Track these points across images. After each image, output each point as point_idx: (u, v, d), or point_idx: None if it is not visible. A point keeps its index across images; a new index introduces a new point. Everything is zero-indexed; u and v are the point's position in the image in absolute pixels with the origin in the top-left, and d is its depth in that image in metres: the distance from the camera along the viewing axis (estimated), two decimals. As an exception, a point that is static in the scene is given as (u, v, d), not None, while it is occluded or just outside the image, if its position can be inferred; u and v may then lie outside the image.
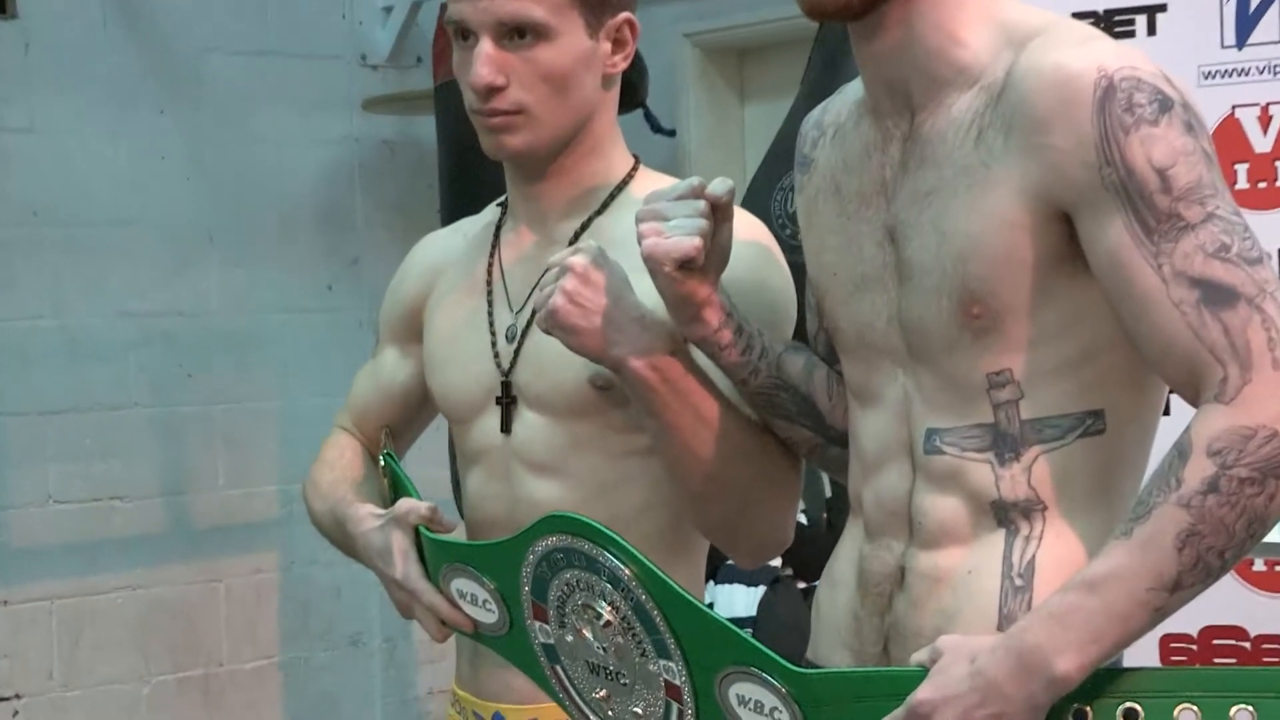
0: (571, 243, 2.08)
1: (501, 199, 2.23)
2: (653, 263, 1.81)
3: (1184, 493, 1.55)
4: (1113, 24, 3.05)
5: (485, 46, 2.01)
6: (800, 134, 1.99)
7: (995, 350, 1.72)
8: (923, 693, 1.61)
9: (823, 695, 1.68)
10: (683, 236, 1.79)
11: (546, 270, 1.95)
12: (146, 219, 4.92)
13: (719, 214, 1.81)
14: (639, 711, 1.83)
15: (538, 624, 1.91)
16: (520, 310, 2.12)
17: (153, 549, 4.86)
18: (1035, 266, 1.69)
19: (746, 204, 3.34)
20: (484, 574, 1.97)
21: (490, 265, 2.18)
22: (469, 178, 3.69)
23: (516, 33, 2.01)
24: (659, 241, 1.80)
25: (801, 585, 4.07)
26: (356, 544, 2.17)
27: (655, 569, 1.77)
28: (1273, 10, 3.10)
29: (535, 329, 2.04)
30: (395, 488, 2.22)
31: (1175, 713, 1.56)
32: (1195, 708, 1.55)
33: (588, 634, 1.85)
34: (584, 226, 2.11)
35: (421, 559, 2.09)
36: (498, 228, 2.21)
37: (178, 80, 4.98)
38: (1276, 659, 3.06)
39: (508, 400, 2.11)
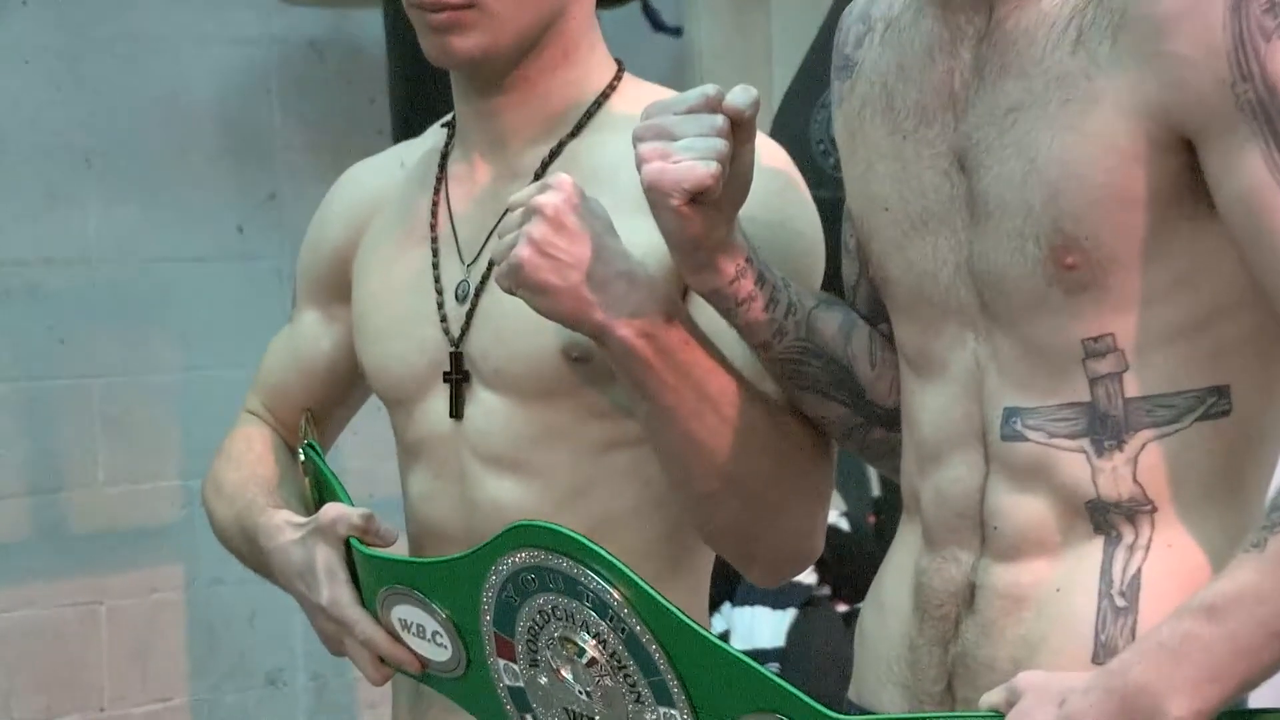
0: (538, 175, 2.07)
1: (447, 119, 2.22)
2: (656, 194, 1.78)
3: None
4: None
5: None
6: (841, 28, 1.97)
7: (1094, 311, 1.71)
8: None
9: None
10: (696, 160, 1.76)
11: (507, 212, 1.93)
12: (12, 137, 4.93)
13: (739, 133, 1.78)
14: None
15: (503, 662, 1.89)
16: (474, 262, 2.12)
17: (17, 560, 4.87)
18: (1148, 205, 1.68)
19: (775, 128, 3.33)
20: (434, 600, 1.95)
21: (435, 205, 2.17)
22: (429, 90, 3.63)
23: None
24: (665, 167, 1.77)
25: (842, 608, 4.13)
26: (271, 561, 2.14)
27: (652, 592, 1.76)
28: None
29: (493, 286, 2.02)
30: (319, 488, 2.20)
31: None
32: None
33: (567, 675, 1.84)
34: (553, 154, 2.10)
35: (354, 580, 2.06)
36: (444, 157, 2.20)
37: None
38: None
39: (458, 376, 2.10)
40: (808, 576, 4.15)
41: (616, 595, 1.77)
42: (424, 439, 2.14)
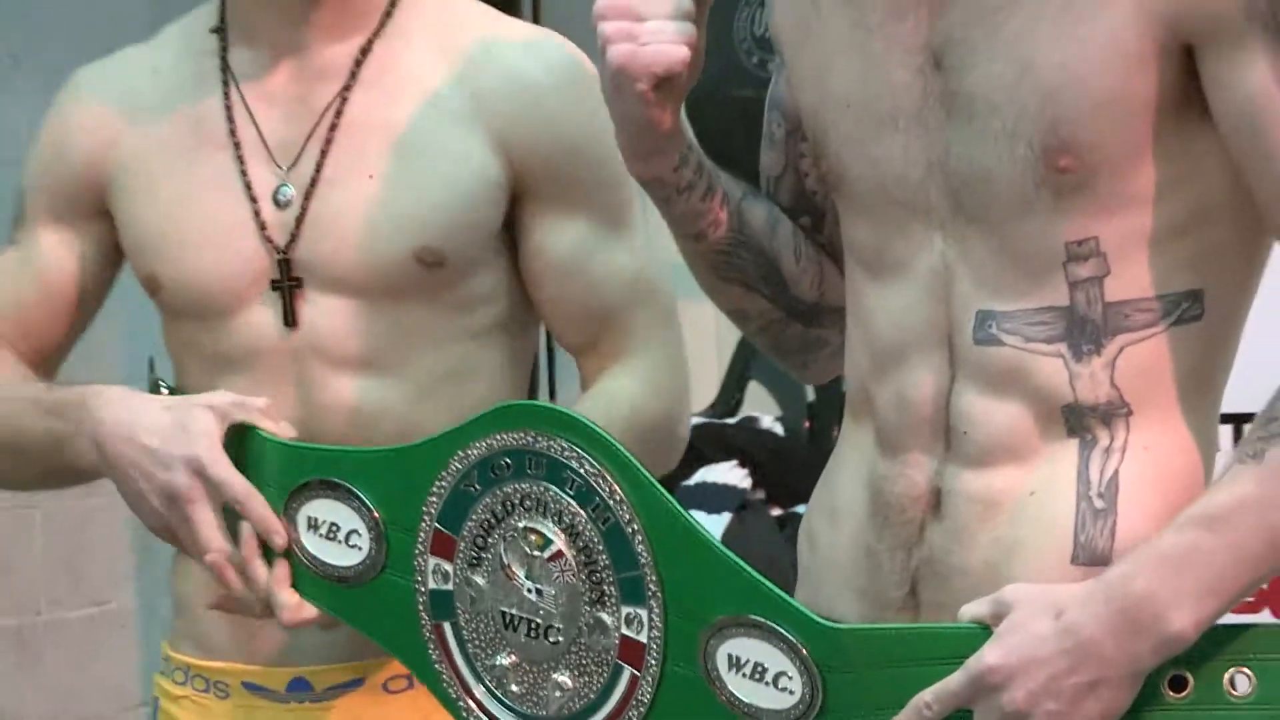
0: (351, 74, 2.08)
1: (209, 19, 2.16)
2: (624, 77, 1.75)
3: None
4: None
5: None
6: None
7: (1081, 213, 1.70)
8: (992, 656, 1.61)
9: (854, 656, 1.68)
10: (666, 43, 1.74)
11: (331, 123, 2.04)
12: None
13: (698, 13, 1.77)
14: (565, 682, 1.80)
15: (434, 561, 1.86)
16: (293, 167, 2.08)
17: None
18: (1146, 110, 1.68)
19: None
20: (368, 493, 1.91)
21: (229, 108, 2.12)
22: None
23: None
24: (635, 50, 1.74)
25: (776, 512, 4.15)
26: (100, 424, 2.00)
27: (653, 481, 1.75)
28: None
29: (325, 189, 2.05)
30: None
31: None
32: None
33: (517, 571, 1.80)
34: (363, 52, 2.09)
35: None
36: (223, 58, 2.14)
37: None
38: None
39: (291, 284, 2.07)
40: (742, 481, 4.15)
41: (617, 489, 1.75)
42: (248, 349, 2.09)
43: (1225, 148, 1.68)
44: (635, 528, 1.74)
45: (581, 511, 1.76)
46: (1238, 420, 1.77)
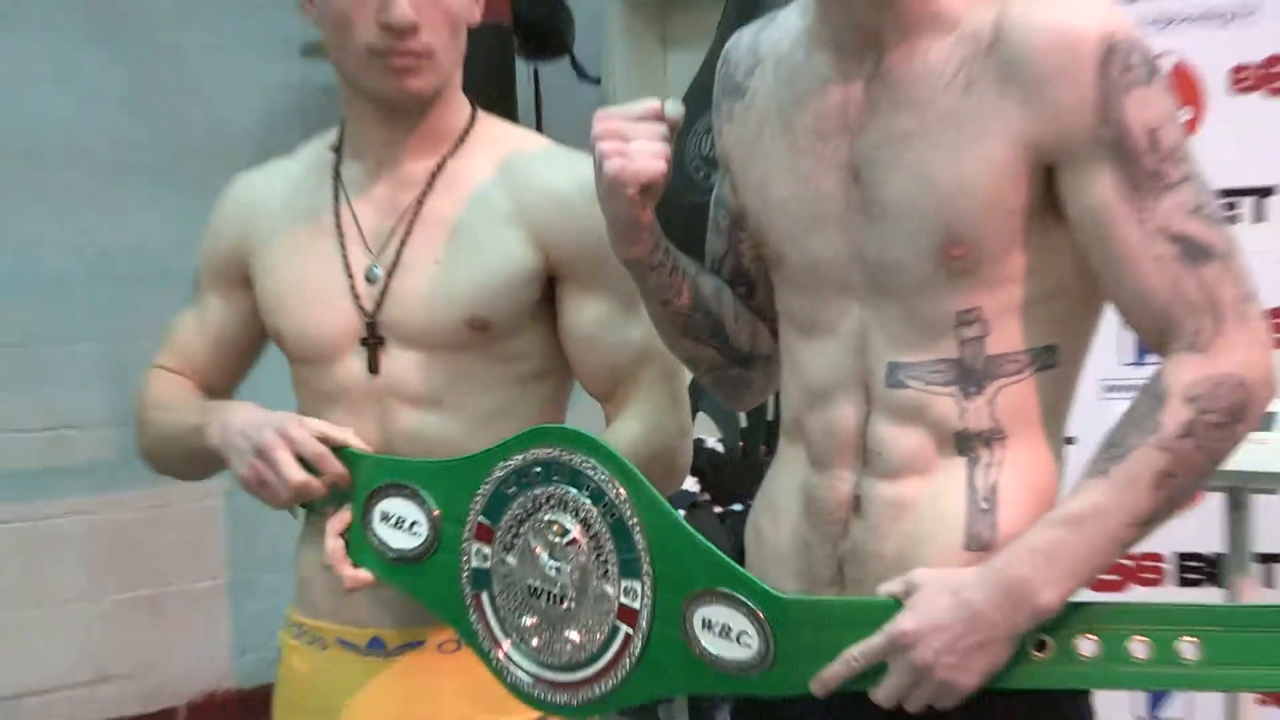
0: (427, 184, 2.04)
1: (330, 141, 2.13)
2: (617, 184, 1.72)
3: (1163, 436, 1.57)
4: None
5: None
6: (728, 60, 1.91)
7: (968, 289, 1.68)
8: (905, 623, 1.60)
9: (798, 620, 1.66)
10: (650, 158, 1.71)
11: (411, 215, 2.00)
12: (92, 153, 4.85)
13: (671, 136, 1.75)
14: (574, 638, 1.77)
15: (476, 545, 1.83)
16: (381, 251, 2.04)
17: (104, 476, 4.78)
18: (1018, 213, 1.66)
19: None
20: (430, 493, 1.89)
21: (337, 207, 2.07)
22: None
23: None
24: (625, 163, 1.71)
25: (718, 510, 4.06)
26: (226, 422, 2.01)
27: (650, 488, 1.73)
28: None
29: (403, 270, 2.01)
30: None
31: (1127, 644, 1.59)
32: (1146, 639, 1.59)
33: (541, 553, 1.78)
34: (439, 167, 2.05)
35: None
36: (336, 170, 2.10)
37: (121, 23, 4.90)
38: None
39: (374, 342, 2.02)
40: (692, 486, 4.04)
41: (622, 491, 1.72)
42: (341, 389, 2.04)
43: (1075, 241, 1.65)
44: (635, 521, 1.72)
45: (594, 509, 1.74)
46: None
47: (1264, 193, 3.08)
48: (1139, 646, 1.59)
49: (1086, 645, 1.60)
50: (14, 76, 4.73)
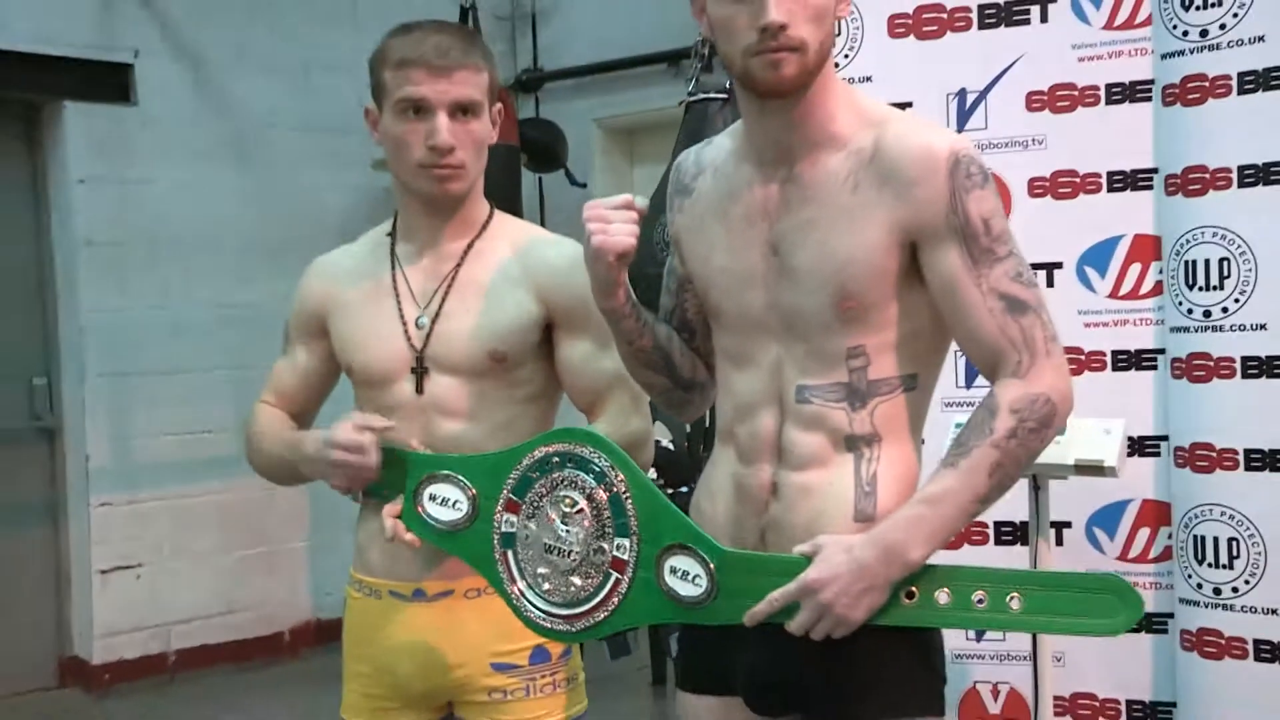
0: (461, 258, 1.99)
1: (386, 229, 2.07)
2: (601, 252, 1.68)
3: (995, 438, 1.56)
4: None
5: (444, 120, 1.90)
6: (679, 169, 1.86)
7: (856, 332, 1.65)
8: (812, 573, 1.58)
9: (735, 567, 1.64)
10: (624, 235, 1.68)
11: (449, 281, 1.95)
12: (225, 239, 4.91)
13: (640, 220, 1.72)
14: (577, 582, 1.72)
15: (506, 515, 1.76)
16: (427, 306, 1.98)
17: (231, 467, 4.66)
18: (892, 276, 1.64)
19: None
20: (471, 479, 1.81)
21: (394, 274, 2.01)
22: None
23: (461, 110, 1.91)
24: (607, 239, 1.67)
25: (669, 492, 4.02)
26: (308, 445, 1.93)
27: (640, 472, 1.70)
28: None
29: (443, 320, 1.96)
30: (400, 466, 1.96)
31: (973, 596, 1.58)
32: (984, 593, 1.58)
33: (556, 518, 1.72)
34: (469, 247, 1.99)
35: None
36: (392, 249, 2.03)
37: (246, 146, 4.95)
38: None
39: (421, 370, 1.96)
40: (651, 475, 3.96)
41: (621, 475, 1.69)
42: (397, 404, 1.97)
43: (932, 297, 1.64)
44: (627, 495, 1.69)
45: (597, 486, 1.70)
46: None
47: (1055, 266, 3.09)
48: (980, 598, 1.59)
49: (943, 596, 1.59)
50: (171, 187, 4.79)
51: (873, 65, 3.17)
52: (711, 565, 1.65)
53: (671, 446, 4.08)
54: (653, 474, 3.97)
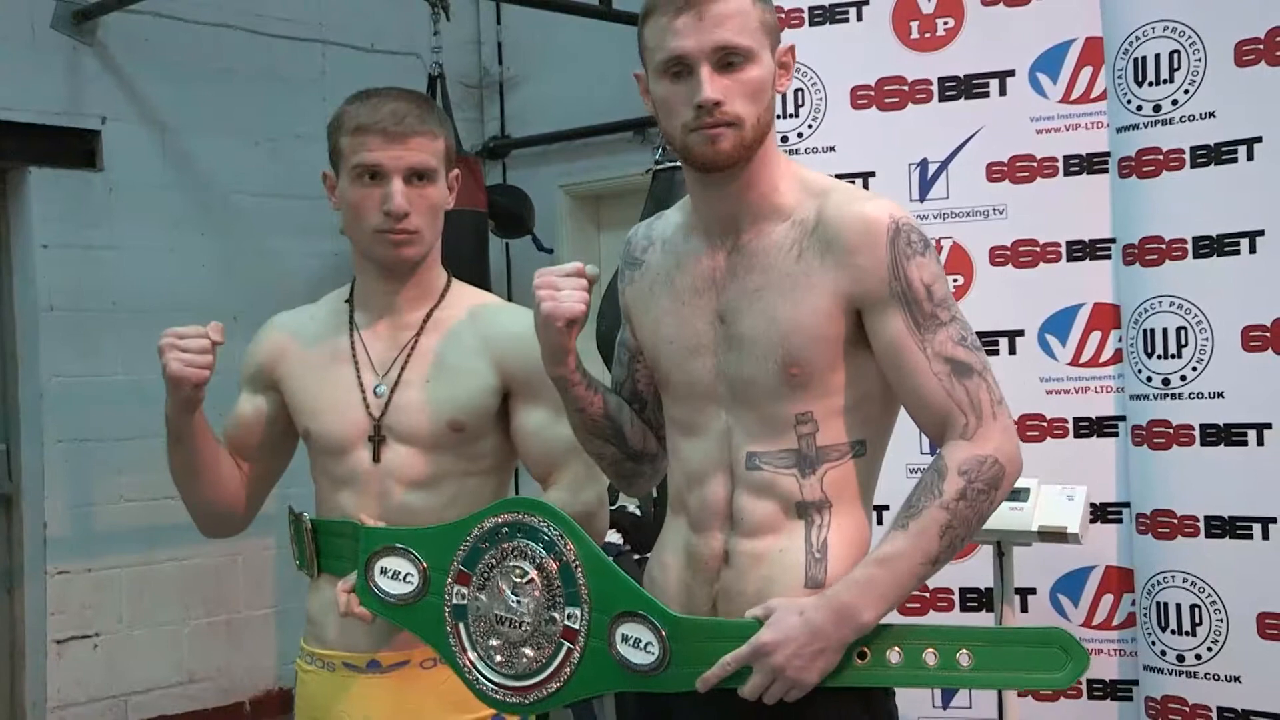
0: (420, 327, 1.99)
1: (344, 295, 2.07)
2: (551, 319, 1.67)
3: (945, 499, 1.56)
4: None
5: (399, 185, 1.91)
6: (629, 242, 1.86)
7: (803, 398, 1.65)
8: (765, 635, 1.57)
9: (687, 634, 1.63)
10: (574, 302, 1.67)
11: (408, 359, 1.96)
12: (192, 306, 4.76)
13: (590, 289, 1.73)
14: (529, 653, 1.70)
15: (457, 588, 1.75)
16: (385, 374, 1.98)
17: (193, 533, 4.64)
18: (837, 342, 1.64)
19: (605, 298, 3.39)
20: (421, 552, 1.79)
21: (352, 342, 2.00)
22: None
23: (416, 176, 1.92)
24: (556, 306, 1.67)
25: (636, 557, 4.00)
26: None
27: (589, 540, 1.69)
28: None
29: (401, 388, 1.96)
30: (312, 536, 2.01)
31: (923, 654, 1.58)
32: (935, 650, 1.58)
33: (507, 589, 1.71)
34: (428, 316, 2.00)
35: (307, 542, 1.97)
36: (350, 315, 2.03)
37: (213, 212, 4.94)
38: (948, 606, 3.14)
39: (379, 438, 1.95)
40: (617, 539, 4.02)
41: (570, 545, 1.68)
42: (352, 474, 1.96)
43: (878, 363, 1.64)
44: (577, 564, 1.67)
45: (547, 556, 1.69)
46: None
47: (1017, 333, 3.13)
48: (930, 656, 1.59)
49: (894, 655, 1.59)
50: (137, 253, 4.76)
51: (836, 136, 3.23)
52: (663, 632, 1.63)
53: (639, 512, 4.09)
54: (618, 538, 4.06)
